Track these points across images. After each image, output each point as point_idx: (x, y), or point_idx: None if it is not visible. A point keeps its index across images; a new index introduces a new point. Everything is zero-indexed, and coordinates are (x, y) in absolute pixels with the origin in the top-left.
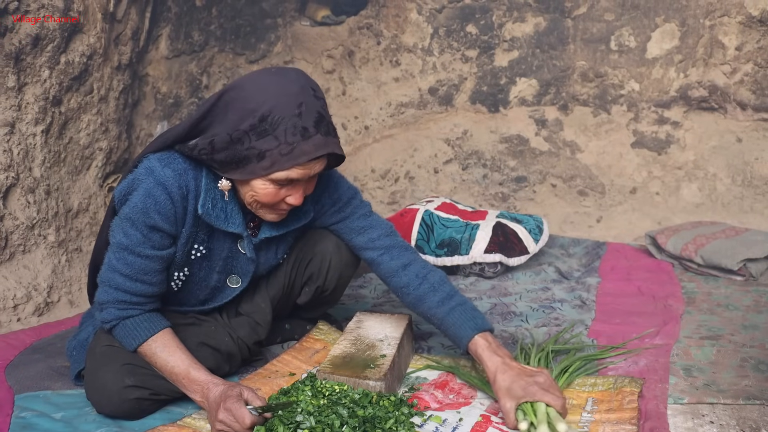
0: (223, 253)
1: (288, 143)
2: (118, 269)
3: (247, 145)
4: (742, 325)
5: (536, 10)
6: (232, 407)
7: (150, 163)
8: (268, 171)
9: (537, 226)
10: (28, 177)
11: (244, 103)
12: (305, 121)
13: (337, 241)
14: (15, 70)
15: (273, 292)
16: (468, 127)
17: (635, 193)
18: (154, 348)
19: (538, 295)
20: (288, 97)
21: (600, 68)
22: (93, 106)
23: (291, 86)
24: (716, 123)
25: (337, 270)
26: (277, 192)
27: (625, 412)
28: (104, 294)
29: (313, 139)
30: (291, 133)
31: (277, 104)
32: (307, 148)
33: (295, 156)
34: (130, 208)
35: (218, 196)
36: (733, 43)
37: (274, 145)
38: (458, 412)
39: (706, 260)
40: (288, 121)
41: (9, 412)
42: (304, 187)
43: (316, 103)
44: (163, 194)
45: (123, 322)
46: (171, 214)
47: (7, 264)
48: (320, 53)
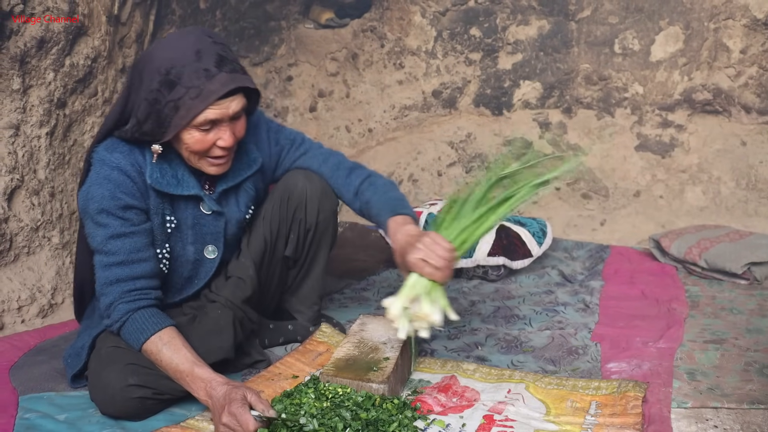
0: (189, 221)
1: (195, 87)
2: (110, 263)
3: (162, 102)
4: (746, 329)
5: (540, 13)
6: (236, 412)
7: (99, 155)
8: (187, 118)
9: (540, 229)
10: (33, 179)
11: (150, 65)
12: (206, 64)
13: (305, 173)
14: (20, 73)
15: (255, 249)
16: (471, 130)
17: (639, 197)
18: (159, 345)
19: (541, 298)
20: (185, 48)
21: (604, 71)
22: (97, 108)
23: (187, 38)
24: (720, 126)
25: (315, 200)
26: (204, 137)
27: (629, 417)
28: (108, 296)
29: (218, 78)
30: (195, 77)
31: (175, 56)
32: (213, 87)
33: (205, 96)
34: (98, 201)
35: (165, 165)
36: (738, 46)
37: (183, 92)
38: (461, 417)
39: (710, 264)
40: (189, 67)
41: (13, 414)
42: (230, 128)
43: (214, 47)
44: (121, 175)
45: (132, 317)
46: (134, 190)
47: (11, 266)
48: (324, 56)
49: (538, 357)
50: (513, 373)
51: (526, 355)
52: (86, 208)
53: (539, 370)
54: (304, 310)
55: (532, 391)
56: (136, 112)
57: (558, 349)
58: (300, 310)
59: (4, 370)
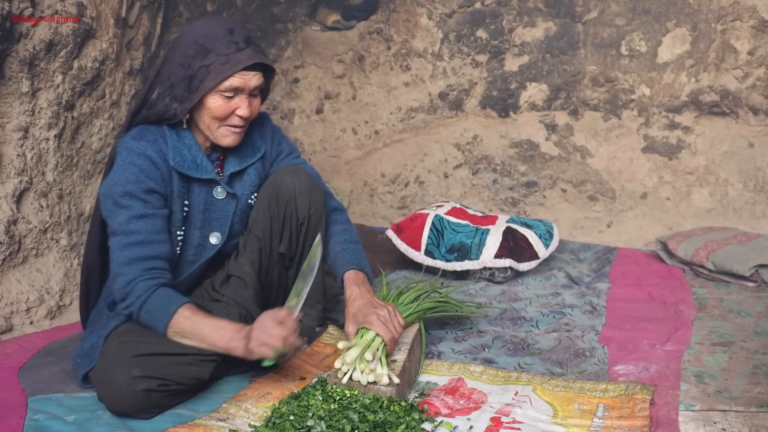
0: (201, 206)
1: (225, 54)
2: (130, 242)
3: (195, 66)
4: (754, 332)
5: (546, 14)
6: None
7: (126, 144)
8: (215, 80)
9: (547, 231)
10: (41, 181)
11: (186, 39)
12: (236, 39)
13: (291, 169)
14: (29, 76)
15: (251, 249)
16: (478, 131)
17: (646, 199)
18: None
19: (548, 300)
20: (219, 25)
21: (610, 73)
22: (105, 110)
23: (220, 20)
24: (728, 128)
25: (304, 194)
26: (226, 104)
27: (636, 419)
28: (126, 275)
29: (245, 51)
30: (226, 47)
31: (211, 30)
32: (241, 57)
33: (233, 64)
34: (122, 184)
35: (185, 151)
36: (746, 47)
37: (214, 59)
38: (468, 419)
39: (717, 266)
40: (222, 39)
41: (22, 415)
42: (248, 101)
43: (244, 30)
44: (146, 161)
45: (155, 293)
46: (158, 176)
47: (20, 267)
48: (330, 58)
49: (545, 359)
50: (520, 375)
51: (533, 357)
52: (110, 192)
53: (546, 372)
54: (307, 310)
55: (539, 394)
56: (169, 77)
57: (565, 352)
58: (304, 310)
59: (13, 372)
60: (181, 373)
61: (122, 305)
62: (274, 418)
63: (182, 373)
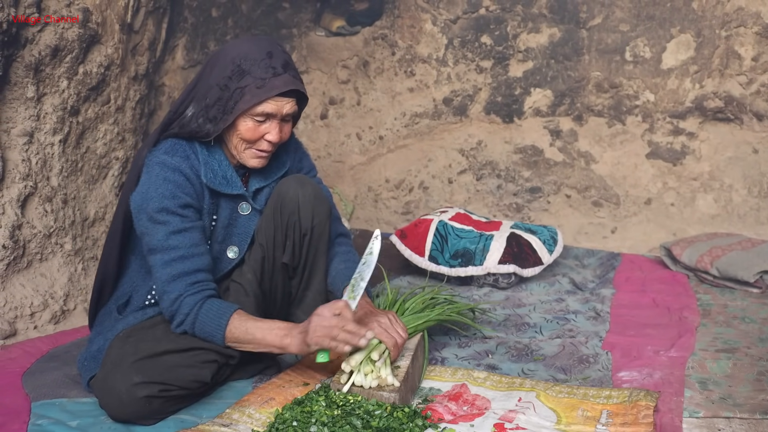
0: (225, 221)
1: (261, 78)
2: (172, 258)
3: (232, 88)
4: (758, 338)
5: (551, 20)
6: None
7: (158, 158)
8: (249, 103)
9: (551, 237)
10: (46, 186)
11: (224, 59)
12: (274, 63)
13: (297, 179)
14: (34, 81)
15: (254, 258)
16: (482, 137)
17: (650, 204)
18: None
19: (552, 306)
20: (259, 47)
21: (615, 79)
22: (110, 115)
23: (261, 41)
24: (732, 134)
25: (308, 205)
26: (256, 128)
27: (640, 426)
28: (172, 292)
29: (282, 77)
30: (263, 71)
31: (250, 52)
32: (277, 83)
33: (268, 89)
34: (158, 200)
35: (216, 167)
36: (750, 53)
37: (250, 81)
38: (472, 425)
39: (721, 272)
40: (260, 63)
41: (26, 420)
42: (279, 126)
43: (283, 54)
44: (181, 177)
45: (204, 306)
46: (192, 191)
47: (24, 272)
48: (335, 63)
49: (549, 365)
50: (524, 381)
51: (536, 363)
52: (144, 208)
53: (550, 378)
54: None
55: (542, 400)
56: (204, 96)
57: (569, 358)
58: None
59: (16, 376)
60: (182, 377)
61: (173, 323)
62: (277, 423)
63: (183, 377)
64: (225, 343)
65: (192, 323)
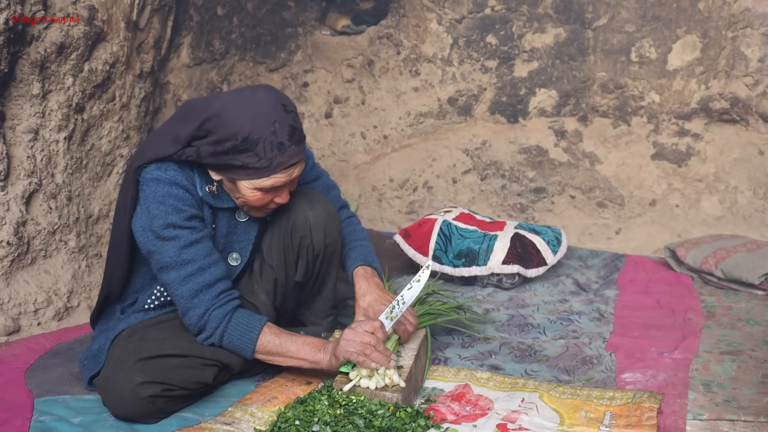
0: (224, 230)
1: (267, 158)
2: (189, 273)
3: (231, 157)
4: (763, 341)
5: (556, 21)
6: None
7: (151, 174)
8: (252, 179)
9: (555, 238)
10: (51, 183)
11: (224, 128)
12: (280, 137)
13: (308, 199)
14: (40, 78)
15: (266, 279)
16: (487, 137)
17: (655, 206)
18: (273, 336)
19: (555, 306)
20: (263, 119)
21: (620, 79)
22: (115, 113)
23: (264, 107)
24: (738, 135)
25: (320, 227)
26: (264, 197)
27: (644, 428)
28: (198, 307)
29: (288, 150)
30: (269, 149)
31: (254, 127)
32: (283, 160)
33: (274, 168)
34: (163, 217)
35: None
36: (756, 54)
37: (254, 160)
38: (474, 425)
39: (726, 274)
40: (265, 140)
41: (28, 416)
42: (289, 188)
43: (287, 117)
44: (180, 190)
45: (233, 319)
46: (193, 201)
47: (28, 269)
48: (340, 62)
49: (552, 366)
50: (527, 382)
51: (540, 364)
52: (150, 227)
53: (553, 379)
54: (318, 322)
55: (546, 401)
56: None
57: (572, 359)
58: (314, 322)
59: (20, 373)
60: (185, 378)
61: (201, 336)
62: (279, 422)
63: (186, 377)
64: (254, 356)
65: (221, 336)
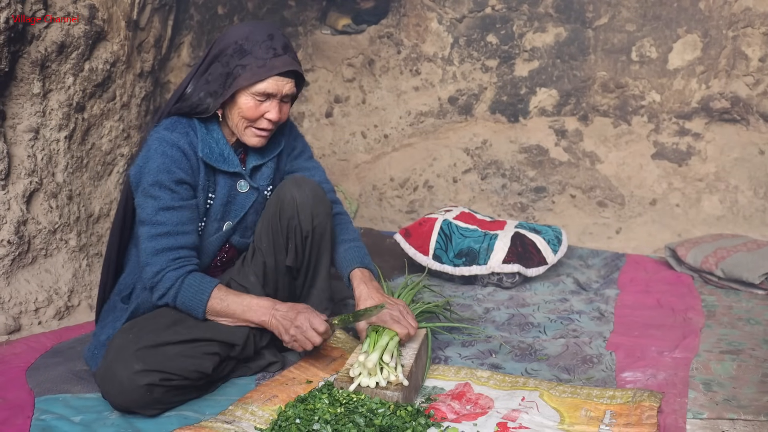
0: (224, 199)
1: (262, 59)
2: (157, 233)
3: (233, 64)
4: (763, 340)
5: (557, 20)
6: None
7: (158, 133)
8: (250, 81)
9: (556, 237)
10: (51, 182)
11: (227, 39)
12: (275, 45)
13: (295, 181)
14: (40, 77)
15: (256, 263)
16: (487, 136)
17: (655, 205)
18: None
19: (556, 306)
20: (260, 29)
21: (621, 79)
22: (115, 112)
23: (262, 24)
24: (738, 135)
25: (307, 207)
26: (257, 106)
27: (644, 427)
28: (154, 265)
29: (282, 58)
30: (264, 51)
31: (251, 33)
32: (277, 63)
33: (269, 68)
34: (153, 174)
35: (213, 144)
36: (757, 54)
37: (252, 60)
38: (475, 424)
39: (726, 273)
40: (262, 44)
41: (29, 415)
42: (279, 106)
43: (284, 38)
44: (178, 152)
45: (185, 281)
46: (188, 167)
47: (29, 268)
48: (341, 62)
49: (553, 365)
50: (527, 380)
51: (540, 363)
52: (140, 181)
53: (553, 378)
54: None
55: (546, 400)
56: (206, 72)
57: (572, 358)
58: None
59: (20, 372)
60: (183, 366)
61: (154, 296)
62: (280, 421)
63: (184, 366)
64: (205, 316)
65: (174, 296)
